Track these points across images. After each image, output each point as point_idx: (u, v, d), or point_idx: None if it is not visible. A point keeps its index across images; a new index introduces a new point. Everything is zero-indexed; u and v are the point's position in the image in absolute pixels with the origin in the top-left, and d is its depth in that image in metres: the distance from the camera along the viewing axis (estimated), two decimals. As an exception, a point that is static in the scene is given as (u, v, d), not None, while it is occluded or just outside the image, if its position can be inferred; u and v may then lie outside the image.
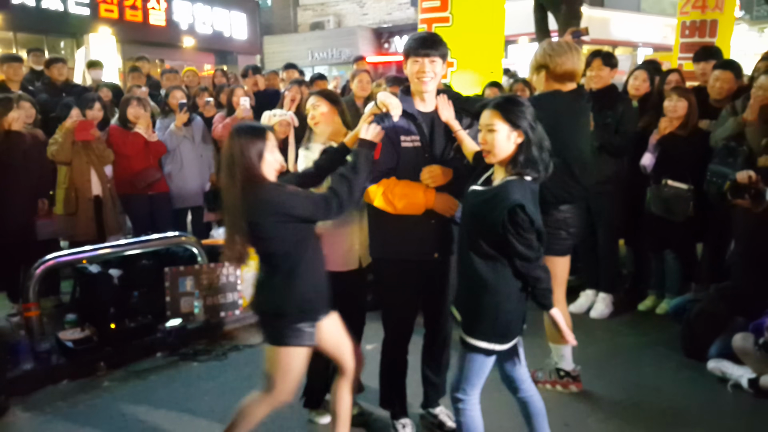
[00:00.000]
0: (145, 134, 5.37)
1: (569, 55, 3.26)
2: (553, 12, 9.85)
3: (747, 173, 3.70)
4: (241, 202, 2.50)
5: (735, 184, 3.75)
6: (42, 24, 13.52)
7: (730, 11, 7.89)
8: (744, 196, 3.72)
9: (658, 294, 4.94)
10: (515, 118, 2.37)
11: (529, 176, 2.40)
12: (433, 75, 2.82)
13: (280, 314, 2.61)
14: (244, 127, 2.59)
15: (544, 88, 3.37)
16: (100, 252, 4.59)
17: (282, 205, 2.50)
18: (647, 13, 20.28)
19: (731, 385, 3.63)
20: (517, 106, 2.40)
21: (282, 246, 2.55)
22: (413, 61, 2.82)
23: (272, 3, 25.38)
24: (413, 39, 2.86)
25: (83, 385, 3.92)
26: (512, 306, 2.50)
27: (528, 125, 2.38)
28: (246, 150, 2.50)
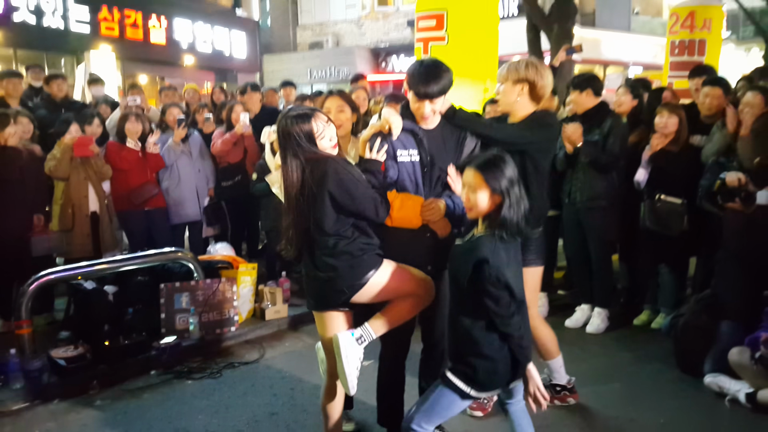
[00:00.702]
0: (135, 147, 5.40)
1: (550, 79, 3.28)
2: (546, 31, 9.98)
3: (737, 175, 3.74)
4: (301, 181, 2.60)
5: (725, 188, 3.77)
6: (42, 41, 13.61)
7: (718, 31, 8.01)
8: (734, 199, 3.74)
9: (653, 309, 4.93)
10: (494, 180, 2.43)
11: (504, 235, 2.44)
12: (432, 113, 2.89)
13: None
14: (292, 113, 2.68)
15: (521, 104, 3.28)
16: (95, 268, 4.58)
17: (340, 179, 2.58)
18: (637, 33, 20.55)
19: (728, 399, 3.60)
20: (497, 168, 2.45)
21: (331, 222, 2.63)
22: (414, 99, 2.87)
23: (272, 23, 25.63)
24: (416, 74, 2.84)
25: (75, 404, 3.87)
26: (494, 356, 2.49)
27: (506, 188, 2.43)
28: (297, 130, 2.62)
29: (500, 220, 2.42)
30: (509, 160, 2.50)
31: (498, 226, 2.43)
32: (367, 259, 2.71)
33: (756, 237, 3.81)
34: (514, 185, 2.45)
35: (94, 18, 14.45)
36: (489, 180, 2.42)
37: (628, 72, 18.48)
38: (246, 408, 3.79)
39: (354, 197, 2.62)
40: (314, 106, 3.56)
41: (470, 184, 2.47)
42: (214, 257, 5.40)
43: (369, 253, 2.72)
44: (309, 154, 2.62)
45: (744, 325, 3.77)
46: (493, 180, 2.42)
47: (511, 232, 2.44)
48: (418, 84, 2.81)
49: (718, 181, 3.83)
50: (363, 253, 2.70)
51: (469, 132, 3.02)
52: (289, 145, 2.64)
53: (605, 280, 4.89)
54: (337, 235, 2.67)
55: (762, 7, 15.88)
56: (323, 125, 2.68)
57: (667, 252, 4.66)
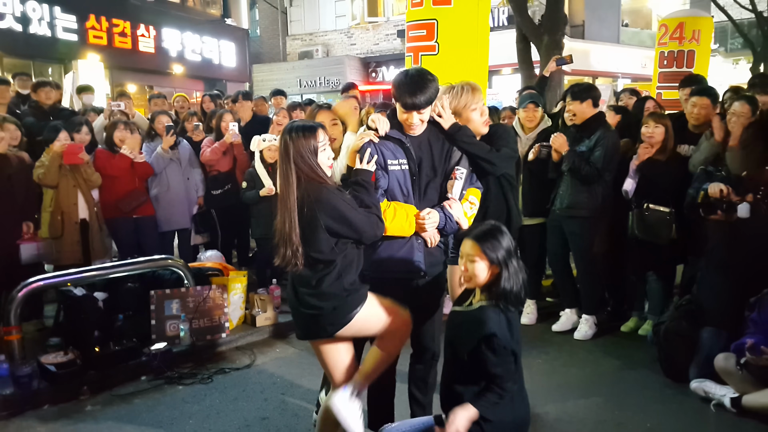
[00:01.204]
0: (130, 155, 5.40)
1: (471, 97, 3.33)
2: (536, 42, 10.09)
3: (718, 186, 3.80)
4: (300, 200, 2.56)
5: (707, 200, 3.83)
6: (29, 49, 13.55)
7: (707, 43, 8.13)
8: (716, 211, 3.80)
9: (640, 315, 5.00)
10: (492, 252, 2.48)
11: (506, 306, 2.49)
12: (420, 123, 2.92)
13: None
14: (297, 126, 2.65)
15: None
16: (85, 275, 4.57)
17: (337, 211, 2.56)
18: (626, 45, 20.81)
19: (714, 404, 3.66)
20: (495, 239, 2.50)
21: (326, 248, 2.59)
22: (401, 110, 2.89)
23: (261, 32, 25.70)
24: (402, 85, 2.85)
25: (65, 410, 3.86)
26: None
27: (503, 259, 2.48)
28: (300, 148, 2.58)
29: (500, 292, 2.47)
30: (506, 231, 2.55)
31: (497, 297, 2.48)
32: (350, 300, 2.67)
33: (738, 245, 3.88)
34: (511, 256, 2.50)
35: (82, 26, 14.41)
36: (487, 251, 2.47)
37: (618, 83, 18.70)
38: (237, 413, 3.79)
39: (351, 224, 2.58)
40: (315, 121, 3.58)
41: (468, 255, 2.52)
42: (204, 264, 5.41)
43: (353, 294, 2.68)
44: (308, 172, 2.58)
45: (726, 331, 3.85)
46: (491, 251, 2.47)
47: (512, 303, 2.49)
48: (405, 95, 2.83)
49: (701, 192, 3.90)
50: (348, 294, 2.66)
51: (469, 154, 3.05)
52: (290, 159, 2.59)
53: (590, 287, 4.96)
54: (324, 269, 2.62)
55: (750, 19, 16.16)
56: (325, 140, 2.68)
57: (655, 260, 4.73)
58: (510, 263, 2.48)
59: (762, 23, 14.85)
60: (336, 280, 2.63)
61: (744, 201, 3.79)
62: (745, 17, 16.70)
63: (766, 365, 3.39)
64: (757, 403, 3.47)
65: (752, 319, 3.67)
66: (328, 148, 2.68)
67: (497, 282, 2.48)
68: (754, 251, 3.87)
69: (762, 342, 3.42)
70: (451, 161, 3.02)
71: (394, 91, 2.90)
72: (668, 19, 8.39)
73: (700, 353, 3.91)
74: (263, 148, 5.44)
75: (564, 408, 3.73)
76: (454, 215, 2.91)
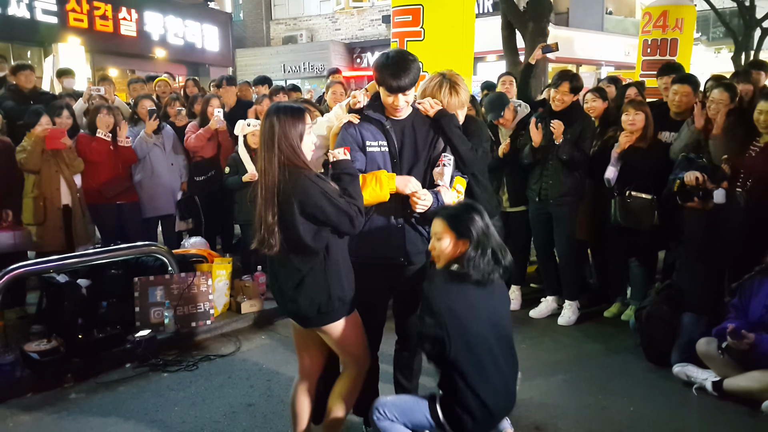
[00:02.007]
0: (105, 137, 5.36)
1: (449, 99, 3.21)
2: (521, 29, 10.09)
3: (694, 174, 3.84)
4: (277, 184, 2.52)
5: (683, 188, 3.87)
6: (8, 32, 13.29)
7: (689, 31, 8.20)
8: (693, 199, 3.85)
9: (622, 301, 5.06)
10: (463, 229, 2.54)
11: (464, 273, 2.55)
12: (405, 105, 2.89)
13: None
14: (284, 107, 2.60)
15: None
16: (68, 261, 4.52)
17: (312, 199, 2.51)
18: (610, 33, 20.91)
19: (696, 388, 3.72)
20: (464, 217, 2.56)
21: (307, 235, 2.55)
22: (385, 93, 2.85)
23: (245, 17, 25.40)
24: (384, 68, 2.80)
25: (49, 398, 3.83)
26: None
27: (475, 234, 2.54)
28: (287, 130, 2.53)
29: (464, 261, 2.53)
30: (478, 209, 2.60)
31: (466, 266, 2.53)
32: (332, 313, 2.67)
33: (715, 232, 3.94)
34: (481, 233, 2.54)
35: (62, 9, 14.16)
36: (457, 229, 2.54)
37: (601, 71, 18.79)
38: (223, 400, 3.79)
39: (326, 212, 2.54)
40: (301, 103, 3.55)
41: (436, 233, 2.59)
42: (188, 251, 5.37)
43: (338, 309, 2.67)
44: (290, 155, 2.53)
45: (705, 317, 3.91)
46: (463, 228, 2.53)
47: (479, 278, 2.53)
48: (389, 78, 2.79)
49: (678, 180, 3.94)
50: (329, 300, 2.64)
51: (450, 143, 3.01)
52: (273, 140, 2.52)
53: (574, 273, 5.01)
54: (307, 262, 2.60)
55: (732, 8, 16.26)
56: (310, 123, 2.64)
57: (637, 246, 4.78)
58: (479, 239, 2.52)
59: (744, 12, 14.97)
60: (323, 278, 2.61)
61: (719, 188, 3.84)
62: (726, 6, 16.83)
63: (746, 349, 3.45)
64: (738, 386, 3.54)
65: (733, 305, 3.74)
66: (312, 132, 2.66)
67: (463, 257, 2.53)
68: (730, 237, 3.94)
69: (743, 326, 3.48)
70: (436, 148, 3.00)
71: (377, 75, 2.85)
72: (652, 7, 8.42)
73: (681, 337, 3.98)
74: (247, 132, 5.39)
75: (548, 392, 3.78)
76: (445, 202, 2.92)
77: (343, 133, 2.93)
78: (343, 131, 2.93)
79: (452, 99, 3.19)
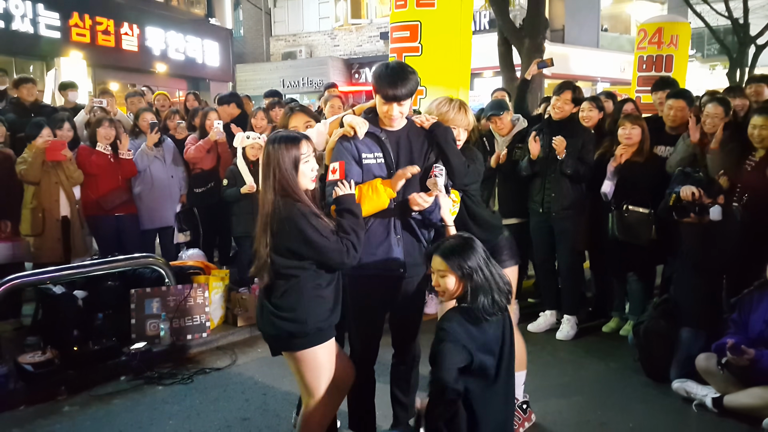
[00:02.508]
0: (105, 151, 5.37)
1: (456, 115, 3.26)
2: (517, 46, 10.16)
3: (690, 189, 3.84)
4: (272, 213, 2.53)
5: (679, 204, 3.87)
6: (11, 46, 13.36)
7: (684, 48, 8.26)
8: (689, 214, 3.84)
9: (621, 316, 5.04)
10: (458, 267, 2.52)
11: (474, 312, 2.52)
12: (400, 115, 2.90)
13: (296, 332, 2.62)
14: (280, 137, 2.61)
15: None
16: (65, 273, 4.51)
17: (303, 232, 2.51)
18: (606, 50, 21.07)
19: (696, 404, 3.69)
20: (462, 253, 2.53)
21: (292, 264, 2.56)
22: (382, 102, 2.86)
23: (245, 33, 25.60)
24: (383, 77, 2.83)
25: (42, 411, 3.80)
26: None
27: (468, 273, 2.51)
28: (281, 159, 2.54)
29: (471, 302, 2.50)
30: (475, 242, 2.58)
31: (470, 303, 2.51)
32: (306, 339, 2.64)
33: (712, 246, 3.93)
34: (480, 268, 2.52)
35: (65, 24, 14.25)
36: (453, 266, 2.52)
37: (597, 87, 18.90)
38: (218, 413, 3.76)
39: (316, 248, 2.53)
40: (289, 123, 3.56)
41: (438, 270, 2.58)
42: (185, 263, 5.35)
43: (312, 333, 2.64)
44: (285, 186, 2.55)
45: (704, 332, 3.89)
46: (457, 266, 2.51)
47: (486, 312, 2.50)
48: (386, 87, 2.80)
49: (674, 195, 3.94)
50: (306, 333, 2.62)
51: (443, 155, 3.01)
52: (270, 170, 2.56)
53: (573, 287, 4.99)
54: (285, 284, 2.60)
55: (726, 26, 16.41)
56: (308, 151, 2.63)
57: (635, 260, 4.76)
58: (477, 275, 2.51)
59: (738, 30, 15.10)
60: (297, 299, 2.58)
61: (716, 203, 3.84)
62: (721, 24, 16.98)
63: (746, 365, 3.42)
64: (739, 403, 3.51)
65: (732, 320, 3.72)
66: (312, 160, 2.64)
67: (466, 294, 2.53)
68: (727, 251, 3.93)
69: (742, 342, 3.45)
70: (430, 159, 2.99)
71: (375, 83, 2.87)
72: (647, 24, 8.50)
73: (679, 353, 3.96)
74: (246, 145, 5.41)
75: (546, 408, 3.74)
76: (443, 207, 2.92)
77: (338, 147, 2.93)
78: (338, 145, 2.93)
79: (459, 115, 3.23)
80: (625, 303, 5.05)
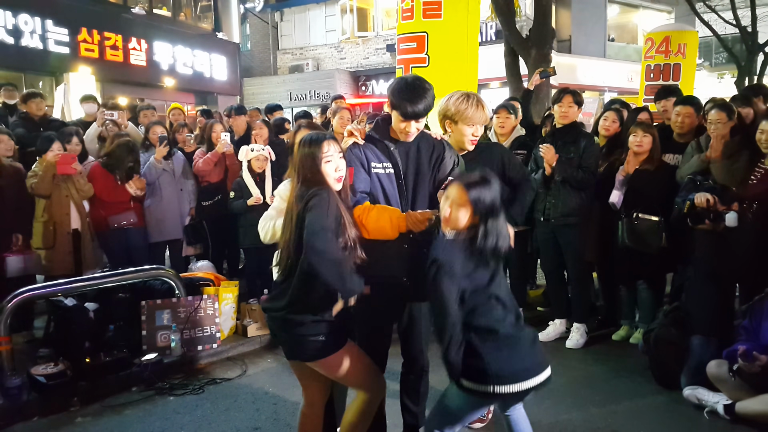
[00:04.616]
0: (135, 192, 5.47)
1: (475, 112, 3.23)
2: (524, 56, 10.19)
3: (705, 196, 3.83)
4: (294, 201, 2.57)
5: (694, 211, 3.86)
6: (21, 61, 13.51)
7: (692, 57, 8.25)
8: (704, 221, 3.83)
9: (631, 324, 5.02)
10: (477, 201, 2.47)
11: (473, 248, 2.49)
12: (416, 131, 2.91)
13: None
14: (305, 139, 2.67)
15: (453, 140, 3.34)
16: (76, 285, 4.54)
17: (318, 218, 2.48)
18: (612, 59, 21.08)
19: (707, 411, 3.67)
20: (483, 190, 2.48)
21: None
22: (399, 119, 2.86)
23: (252, 46, 25.78)
24: (402, 92, 2.81)
25: (55, 422, 3.82)
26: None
27: (485, 211, 2.48)
28: (304, 159, 2.60)
29: (477, 242, 2.47)
30: (495, 183, 2.52)
31: (478, 242, 2.47)
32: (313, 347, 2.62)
33: (725, 255, 3.92)
34: (495, 211, 2.49)
35: (74, 39, 14.40)
36: (472, 200, 2.47)
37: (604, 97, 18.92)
38: (229, 423, 3.77)
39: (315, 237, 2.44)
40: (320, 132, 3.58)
41: (454, 199, 2.51)
42: (195, 274, 5.38)
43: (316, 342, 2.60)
44: (311, 176, 2.57)
45: (715, 339, 3.88)
46: (476, 201, 2.47)
47: (488, 254, 2.48)
48: (406, 104, 2.79)
49: (687, 202, 3.93)
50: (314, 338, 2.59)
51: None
52: (295, 168, 2.65)
53: (582, 295, 4.99)
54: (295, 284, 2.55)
55: (734, 34, 16.40)
56: (334, 151, 2.62)
57: (645, 268, 4.75)
58: (491, 217, 2.48)
59: (746, 38, 15.08)
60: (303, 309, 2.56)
61: (731, 210, 3.83)
62: (729, 32, 16.96)
63: (758, 372, 3.41)
64: (751, 409, 3.49)
65: (743, 327, 3.70)
66: (335, 160, 2.62)
67: (476, 232, 2.48)
68: (740, 260, 3.92)
69: (754, 348, 3.44)
70: (441, 170, 2.99)
71: (393, 99, 2.85)
72: (654, 33, 8.51)
73: (690, 360, 3.94)
74: (251, 157, 5.46)
75: (556, 416, 3.74)
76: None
77: (348, 154, 2.93)
78: (348, 152, 2.93)
79: (477, 112, 3.23)
80: (635, 311, 5.03)
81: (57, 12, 14.07)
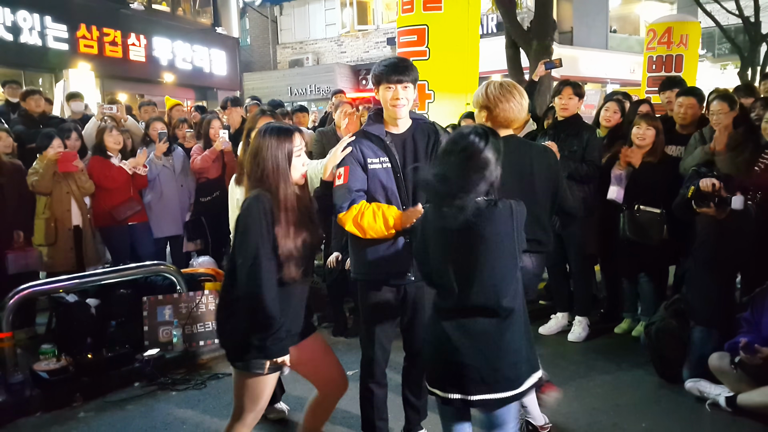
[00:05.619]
0: (129, 170, 5.41)
1: (513, 103, 3.04)
2: (525, 48, 10.14)
3: (710, 181, 3.80)
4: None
5: (699, 193, 3.84)
6: (20, 58, 13.53)
7: (694, 48, 8.22)
8: (709, 204, 3.81)
9: (633, 317, 5.01)
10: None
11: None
12: (406, 101, 2.88)
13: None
14: (272, 128, 2.53)
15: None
16: (78, 281, 4.54)
17: (245, 217, 2.41)
18: (615, 51, 21.01)
19: (709, 404, 3.67)
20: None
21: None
22: (386, 87, 2.86)
23: (252, 41, 25.74)
24: (384, 65, 2.87)
25: (57, 417, 3.84)
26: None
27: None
28: (273, 152, 2.46)
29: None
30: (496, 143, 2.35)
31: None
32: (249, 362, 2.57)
33: (727, 243, 3.91)
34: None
35: (73, 36, 14.41)
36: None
37: (606, 88, 18.87)
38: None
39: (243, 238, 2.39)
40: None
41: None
42: (196, 270, 5.38)
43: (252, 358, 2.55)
44: (268, 168, 2.45)
45: (715, 330, 3.87)
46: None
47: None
48: (389, 73, 2.81)
49: (692, 187, 3.91)
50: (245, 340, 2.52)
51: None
52: (255, 161, 2.47)
53: (585, 288, 4.98)
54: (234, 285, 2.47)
55: (737, 24, 16.33)
56: (301, 144, 2.54)
57: (647, 261, 4.74)
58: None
59: (749, 28, 15.03)
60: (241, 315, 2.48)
61: (737, 194, 3.80)
62: (732, 23, 16.89)
63: (760, 364, 3.40)
64: (753, 401, 3.48)
65: (745, 318, 3.70)
66: (303, 154, 2.57)
67: None
68: (741, 249, 3.91)
69: (755, 340, 3.44)
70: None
71: (376, 75, 2.87)
72: (656, 24, 8.47)
73: (692, 353, 3.93)
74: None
75: (558, 409, 3.72)
76: None
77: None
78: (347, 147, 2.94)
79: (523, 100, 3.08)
80: (637, 304, 5.02)
81: (56, 8, 14.08)
